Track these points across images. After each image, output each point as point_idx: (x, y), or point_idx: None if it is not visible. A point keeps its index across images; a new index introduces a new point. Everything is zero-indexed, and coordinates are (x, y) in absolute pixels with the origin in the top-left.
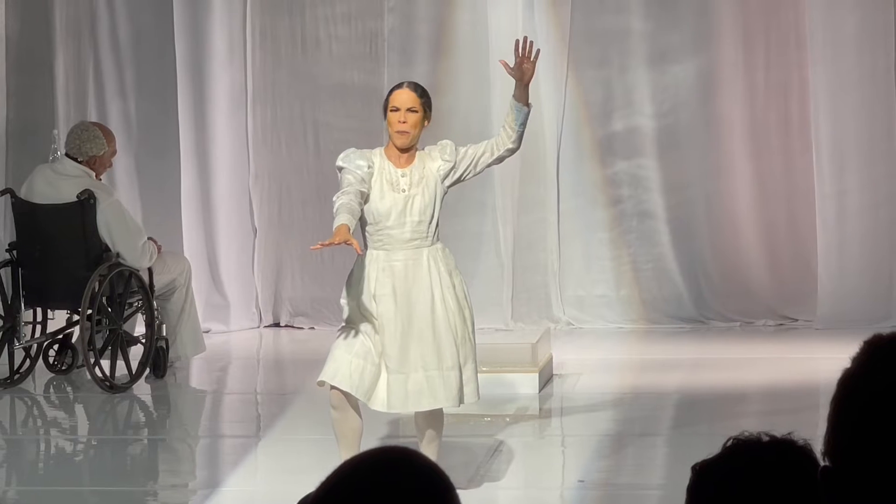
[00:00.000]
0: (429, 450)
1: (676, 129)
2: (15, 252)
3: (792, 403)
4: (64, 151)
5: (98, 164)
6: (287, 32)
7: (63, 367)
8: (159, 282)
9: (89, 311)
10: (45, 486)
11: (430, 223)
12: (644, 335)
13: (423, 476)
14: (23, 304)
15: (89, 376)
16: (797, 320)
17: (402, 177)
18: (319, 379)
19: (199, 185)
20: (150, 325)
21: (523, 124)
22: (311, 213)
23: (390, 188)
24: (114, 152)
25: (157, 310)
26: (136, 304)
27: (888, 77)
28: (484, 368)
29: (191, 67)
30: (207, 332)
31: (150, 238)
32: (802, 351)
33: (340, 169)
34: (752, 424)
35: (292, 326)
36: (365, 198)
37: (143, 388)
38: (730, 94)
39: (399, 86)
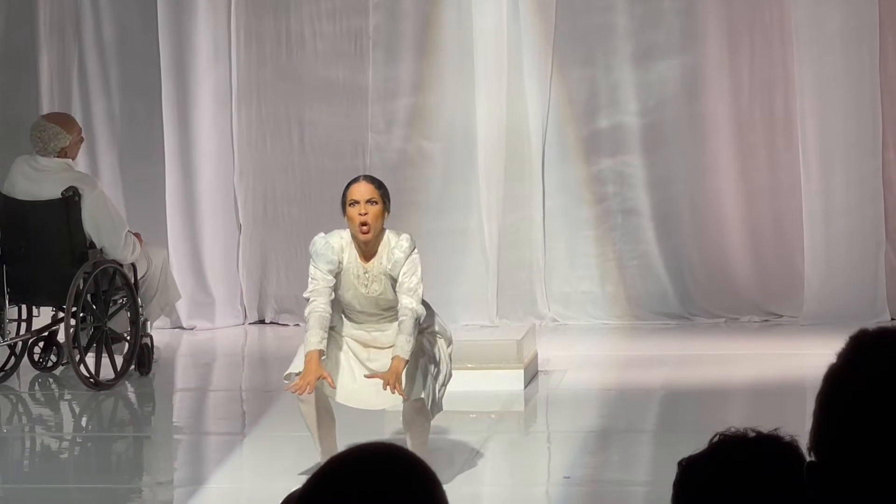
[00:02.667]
0: (417, 447)
1: (661, 127)
2: None
3: (777, 399)
4: (35, 151)
5: (70, 153)
6: (272, 30)
7: (48, 365)
8: (140, 270)
9: (74, 309)
10: (30, 484)
11: (395, 307)
12: (629, 331)
13: (410, 472)
14: (7, 302)
15: (74, 373)
16: (782, 316)
17: (365, 273)
18: (286, 373)
19: (183, 183)
20: (134, 322)
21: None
22: (296, 210)
23: (355, 281)
24: (79, 132)
25: (141, 307)
26: (121, 301)
27: (873, 74)
28: (469, 365)
29: (175, 65)
30: (192, 329)
31: (132, 233)
32: (788, 347)
33: (311, 255)
34: (737, 420)
35: (277, 323)
36: (334, 288)
37: (127, 386)
38: (715, 91)
39: (355, 180)
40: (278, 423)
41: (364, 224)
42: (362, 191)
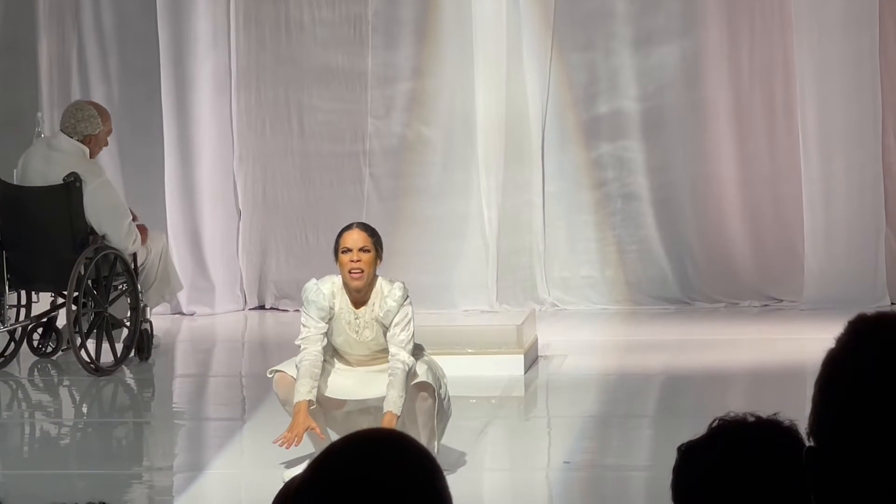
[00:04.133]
0: (425, 435)
1: (661, 112)
2: None
3: (777, 384)
4: (59, 129)
5: (94, 142)
6: (271, 16)
7: (47, 351)
8: (140, 257)
9: (76, 294)
10: (31, 470)
11: (386, 350)
12: (629, 316)
13: (409, 457)
14: (7, 288)
15: (75, 359)
16: (782, 301)
17: (356, 319)
18: (271, 369)
19: (182, 168)
20: (134, 308)
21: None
22: (295, 194)
23: (346, 327)
24: (109, 131)
25: (141, 293)
26: (122, 287)
27: (873, 59)
28: (469, 350)
29: (174, 51)
30: (192, 314)
31: (135, 221)
32: (788, 332)
33: (302, 302)
34: (737, 405)
35: (277, 309)
36: (326, 334)
37: (127, 371)
38: (715, 76)
39: (348, 227)
40: (278, 409)
41: (356, 271)
42: (355, 238)
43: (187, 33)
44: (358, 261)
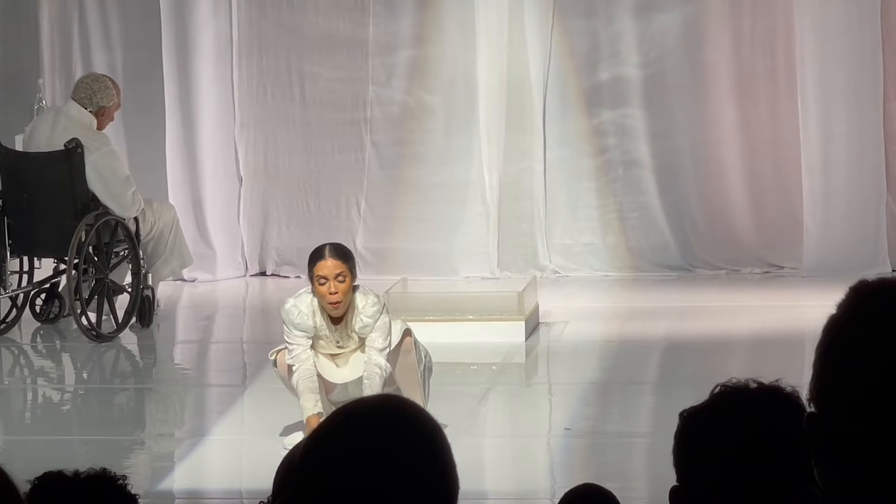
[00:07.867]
0: (414, 394)
1: (662, 78)
2: (1, 200)
3: (778, 350)
4: (71, 98)
5: (105, 115)
6: None
7: (50, 317)
8: (145, 228)
9: (76, 260)
10: (32, 436)
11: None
12: (630, 283)
13: (414, 421)
14: (9, 253)
15: (76, 325)
16: (783, 268)
17: (334, 332)
18: (273, 351)
19: (184, 136)
20: (136, 274)
21: None
22: (297, 161)
23: (326, 342)
24: (118, 106)
25: (142, 259)
26: (123, 253)
27: (874, 24)
28: (470, 317)
29: (175, 18)
30: (194, 280)
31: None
32: (789, 298)
33: (284, 323)
34: (739, 371)
35: (278, 275)
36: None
37: (129, 338)
38: (716, 42)
39: (321, 255)
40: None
41: (335, 303)
42: (330, 267)
43: (188, 0)
44: (335, 292)
